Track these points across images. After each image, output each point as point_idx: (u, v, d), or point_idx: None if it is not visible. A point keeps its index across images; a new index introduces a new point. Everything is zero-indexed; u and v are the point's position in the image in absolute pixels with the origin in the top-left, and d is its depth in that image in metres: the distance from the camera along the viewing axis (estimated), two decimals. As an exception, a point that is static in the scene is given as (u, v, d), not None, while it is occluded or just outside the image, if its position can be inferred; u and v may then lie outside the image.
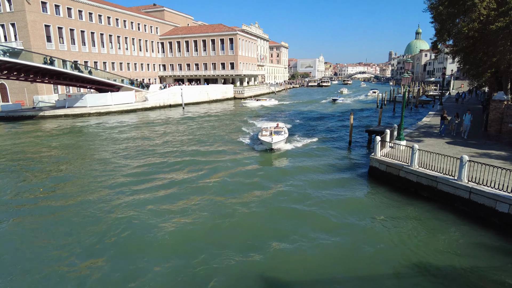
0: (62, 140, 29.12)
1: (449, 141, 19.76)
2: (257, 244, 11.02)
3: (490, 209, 11.69)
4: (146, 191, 15.75)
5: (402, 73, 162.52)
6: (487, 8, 17.99)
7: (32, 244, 11.27)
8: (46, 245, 11.16)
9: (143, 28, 76.20)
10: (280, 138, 22.39)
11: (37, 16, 50.14)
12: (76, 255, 10.51)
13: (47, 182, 17.58)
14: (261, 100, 62.15)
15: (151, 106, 53.06)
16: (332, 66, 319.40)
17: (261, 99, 64.25)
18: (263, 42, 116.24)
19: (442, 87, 44.71)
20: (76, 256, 10.44)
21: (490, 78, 28.11)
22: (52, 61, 40.11)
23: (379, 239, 11.21)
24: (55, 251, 10.73)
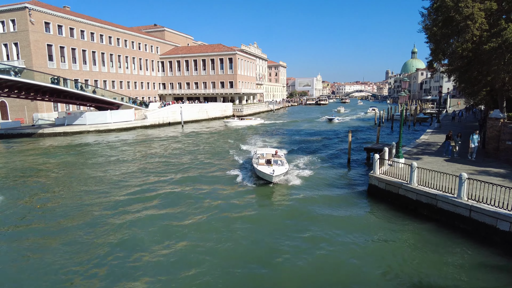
0: (60, 157, 29.03)
1: (447, 159, 19.81)
2: (255, 262, 10.83)
3: (491, 227, 11.59)
4: (140, 211, 15.58)
5: (399, 91, 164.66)
6: (479, 29, 18.44)
7: (27, 264, 11.03)
8: (42, 266, 10.93)
9: (143, 47, 77.50)
10: (281, 170, 19.22)
11: (40, 36, 51.05)
12: (72, 274, 10.28)
13: (44, 200, 17.40)
14: (245, 120, 58.86)
15: (151, 124, 53.26)
16: (330, 85, 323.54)
17: (245, 118, 60.99)
18: (261, 61, 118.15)
19: (439, 105, 45.22)
20: (73, 276, 10.21)
21: (485, 96, 28.49)
22: (58, 80, 40.65)
23: (379, 259, 11.04)
24: (50, 273, 10.50)
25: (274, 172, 18.25)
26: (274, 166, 19.52)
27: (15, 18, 49.69)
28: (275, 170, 18.54)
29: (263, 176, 19.02)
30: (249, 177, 20.86)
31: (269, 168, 19.11)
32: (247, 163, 24.89)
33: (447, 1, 18.50)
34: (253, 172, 21.28)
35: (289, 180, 19.96)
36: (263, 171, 18.65)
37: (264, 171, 18.59)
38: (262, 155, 22.40)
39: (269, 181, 18.90)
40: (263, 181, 19.32)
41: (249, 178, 20.67)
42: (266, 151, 23.65)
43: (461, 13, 17.99)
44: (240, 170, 22.69)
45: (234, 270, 10.49)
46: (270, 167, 19.20)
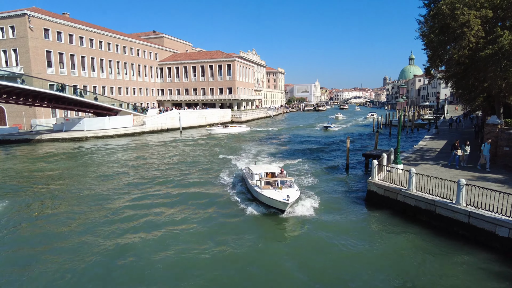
0: (57, 164, 28.91)
1: (446, 165, 19.84)
2: (258, 269, 10.76)
3: (490, 233, 11.57)
4: (135, 219, 15.50)
5: (397, 97, 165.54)
6: (475, 36, 18.64)
7: (22, 271, 10.91)
8: (37, 273, 10.81)
9: (142, 54, 77.79)
10: (295, 194, 15.40)
11: (39, 42, 51.20)
12: (67, 281, 10.18)
13: (41, 207, 17.28)
14: (229, 127, 55.67)
15: (149, 130, 53.22)
16: (328, 91, 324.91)
17: (229, 125, 57.40)
18: (260, 68, 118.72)
19: (436, 111, 45.44)
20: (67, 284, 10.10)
21: (482, 102, 28.67)
22: (64, 87, 40.82)
23: (377, 265, 10.99)
24: (45, 280, 10.39)
25: (289, 198, 14.42)
26: (285, 190, 15.70)
27: (15, 24, 49.88)
28: (289, 195, 14.69)
29: (273, 204, 15.17)
30: (245, 202, 16.98)
31: (279, 192, 15.34)
32: (239, 182, 20.99)
33: (443, 9, 18.72)
34: (252, 196, 17.31)
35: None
36: (273, 198, 14.81)
37: (275, 197, 14.79)
38: (260, 175, 17.91)
39: (281, 210, 15.03)
40: (271, 209, 15.48)
41: (245, 203, 16.83)
42: (263, 169, 18.89)
43: (458, 20, 18.19)
44: (236, 193, 18.84)
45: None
46: (280, 191, 15.53)
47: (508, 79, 17.97)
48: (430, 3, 23.06)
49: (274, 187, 16.25)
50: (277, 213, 15.13)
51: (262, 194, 15.62)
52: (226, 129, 54.11)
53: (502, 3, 18.28)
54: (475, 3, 18.36)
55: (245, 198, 17.68)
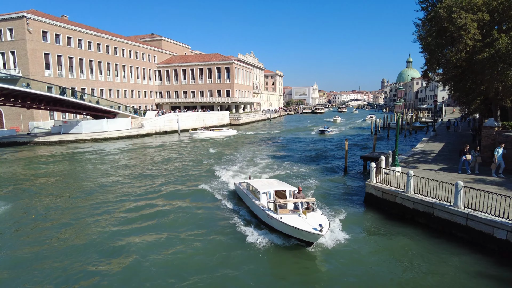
0: (54, 166, 28.80)
1: (444, 167, 19.89)
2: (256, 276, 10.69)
3: (488, 235, 11.59)
4: (133, 222, 15.45)
5: (394, 100, 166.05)
6: (472, 40, 18.74)
7: (18, 273, 10.85)
8: (33, 276, 10.74)
9: (140, 56, 77.86)
10: (326, 221, 11.97)
11: (37, 44, 51.18)
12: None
13: (38, 209, 17.20)
14: (214, 130, 52.27)
15: (147, 132, 53.16)
16: (326, 94, 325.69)
17: (214, 129, 54.05)
18: (258, 70, 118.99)
19: (434, 114, 45.63)
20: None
21: (480, 105, 28.78)
22: (64, 90, 40.81)
23: (375, 268, 10.97)
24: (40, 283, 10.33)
25: (322, 228, 11.06)
26: (310, 215, 12.30)
27: (13, 27, 49.87)
28: (322, 224, 11.32)
29: (299, 235, 11.77)
30: (248, 227, 13.73)
31: (304, 219, 11.98)
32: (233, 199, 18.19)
33: (440, 12, 18.83)
34: (259, 220, 14.17)
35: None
36: (299, 228, 11.42)
37: (302, 227, 11.40)
38: (268, 194, 14.60)
39: (308, 242, 11.73)
40: (292, 239, 12.18)
41: (248, 229, 13.57)
42: (271, 186, 15.43)
43: (455, 23, 18.30)
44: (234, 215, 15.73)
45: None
46: (304, 217, 12.18)
47: (505, 82, 18.07)
48: (428, 7, 23.21)
49: (293, 211, 12.87)
50: (299, 245, 11.92)
51: (281, 222, 12.04)
52: (210, 133, 50.70)
53: (499, 7, 18.40)
54: (472, 7, 18.47)
55: (246, 223, 14.48)
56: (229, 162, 29.37)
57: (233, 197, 18.71)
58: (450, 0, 18.83)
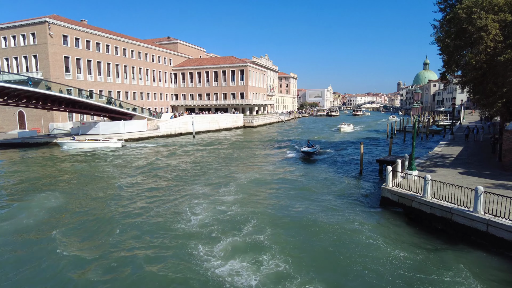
0: (73, 166, 29.56)
1: (462, 172, 19.39)
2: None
3: (510, 243, 11.22)
4: (147, 225, 15.71)
5: (411, 103, 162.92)
6: (493, 41, 18.24)
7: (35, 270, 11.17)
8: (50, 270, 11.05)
9: (157, 59, 79.12)
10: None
11: (58, 48, 52.75)
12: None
13: (63, 208, 17.68)
14: (88, 141, 41.53)
15: (163, 134, 53.91)
16: (341, 96, 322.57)
17: (89, 139, 42.45)
18: (272, 73, 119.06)
19: (452, 117, 44.52)
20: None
21: (501, 108, 27.91)
22: (92, 95, 42.19)
23: (390, 273, 10.77)
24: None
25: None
26: None
27: (35, 31, 51.58)
28: None
29: None
30: None
31: None
32: None
33: (460, 13, 18.42)
34: None
35: (300, 181, 19.40)
36: None
37: None
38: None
39: None
40: None
41: None
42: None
43: (475, 24, 17.86)
44: None
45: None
46: None
47: (528, 84, 17.51)
48: (446, 8, 22.74)
49: None
50: None
51: None
52: (84, 144, 40.85)
53: (522, 7, 17.87)
54: (493, 7, 17.99)
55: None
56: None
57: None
58: (470, 1, 18.41)
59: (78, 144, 40.53)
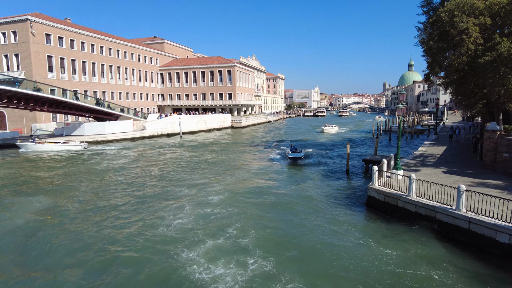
0: (57, 169, 28.90)
1: (446, 171, 19.88)
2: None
3: (490, 239, 11.57)
4: (132, 225, 15.51)
5: (396, 103, 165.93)
6: (474, 43, 18.79)
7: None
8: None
9: (143, 59, 78.16)
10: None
11: (40, 47, 51.50)
12: None
13: (41, 211, 17.29)
14: (48, 144, 38.89)
15: (149, 135, 53.31)
16: (328, 97, 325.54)
17: (49, 141, 40.00)
18: (260, 73, 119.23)
19: (436, 117, 45.56)
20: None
21: (482, 108, 28.75)
22: (76, 95, 41.23)
23: (376, 270, 10.97)
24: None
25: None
26: None
27: (17, 29, 50.19)
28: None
29: None
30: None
31: None
32: None
33: (442, 16, 18.91)
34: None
35: (289, 180, 19.56)
36: None
37: None
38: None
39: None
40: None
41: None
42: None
43: (456, 27, 18.36)
44: None
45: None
46: None
47: (507, 86, 18.07)
48: (429, 11, 23.30)
49: None
50: None
51: None
52: (43, 147, 38.51)
53: (501, 11, 18.46)
54: (474, 11, 18.53)
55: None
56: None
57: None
58: (452, 4, 18.92)
59: (37, 147, 38.28)
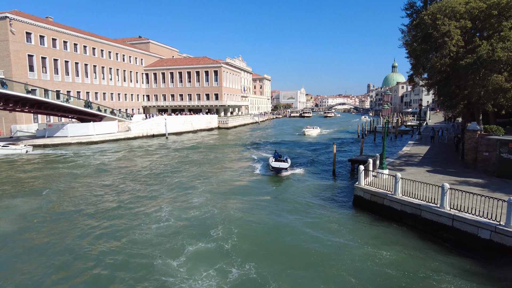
0: (37, 170, 28.12)
1: (429, 170, 20.37)
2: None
3: (472, 236, 11.92)
4: (114, 229, 15.25)
5: (380, 104, 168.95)
6: (456, 46, 19.37)
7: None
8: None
9: (128, 59, 76.96)
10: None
11: (20, 46, 50.02)
12: None
13: (19, 215, 16.77)
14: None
15: (134, 136, 52.51)
16: (313, 98, 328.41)
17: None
18: (246, 74, 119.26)
19: (419, 118, 46.59)
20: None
21: (463, 109, 29.60)
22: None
23: (362, 268, 11.14)
24: None
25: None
26: None
27: (-5, 27, 48.58)
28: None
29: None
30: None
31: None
32: None
33: (425, 19, 19.41)
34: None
35: (276, 184, 19.61)
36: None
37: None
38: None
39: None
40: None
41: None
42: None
43: (439, 30, 18.89)
44: None
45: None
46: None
47: (486, 87, 18.70)
48: (412, 13, 23.91)
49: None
50: None
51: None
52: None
53: (480, 15, 19.10)
54: (455, 14, 19.11)
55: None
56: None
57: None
58: (434, 8, 19.45)
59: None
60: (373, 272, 10.94)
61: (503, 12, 18.33)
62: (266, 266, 11.36)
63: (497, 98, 19.36)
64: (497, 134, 19.35)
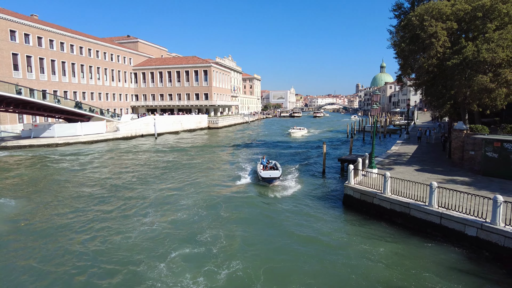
0: (23, 171, 27.50)
1: (418, 169, 20.69)
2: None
3: (459, 233, 12.16)
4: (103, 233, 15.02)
5: (369, 104, 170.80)
6: (442, 47, 19.72)
7: None
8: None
9: (116, 58, 75.94)
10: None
11: (4, 44, 48.84)
12: None
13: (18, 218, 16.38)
14: None
15: (123, 136, 51.84)
16: (303, 98, 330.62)
17: None
18: (236, 74, 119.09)
19: (407, 118, 47.30)
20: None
21: (450, 109, 30.16)
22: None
23: (352, 267, 11.24)
24: None
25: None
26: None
27: (-22, 25, 47.33)
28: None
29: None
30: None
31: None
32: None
33: (413, 20, 19.70)
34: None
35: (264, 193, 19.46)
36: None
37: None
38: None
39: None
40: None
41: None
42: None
43: (426, 31, 19.20)
44: None
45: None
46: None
47: (472, 87, 19.08)
48: (400, 15, 24.23)
49: None
50: None
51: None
52: None
53: (465, 17, 19.47)
54: (442, 16, 19.45)
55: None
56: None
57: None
58: (421, 9, 19.76)
59: None
60: (363, 270, 11.05)
61: (488, 14, 18.73)
62: (255, 267, 11.33)
63: (482, 98, 19.76)
64: (482, 134, 19.77)
